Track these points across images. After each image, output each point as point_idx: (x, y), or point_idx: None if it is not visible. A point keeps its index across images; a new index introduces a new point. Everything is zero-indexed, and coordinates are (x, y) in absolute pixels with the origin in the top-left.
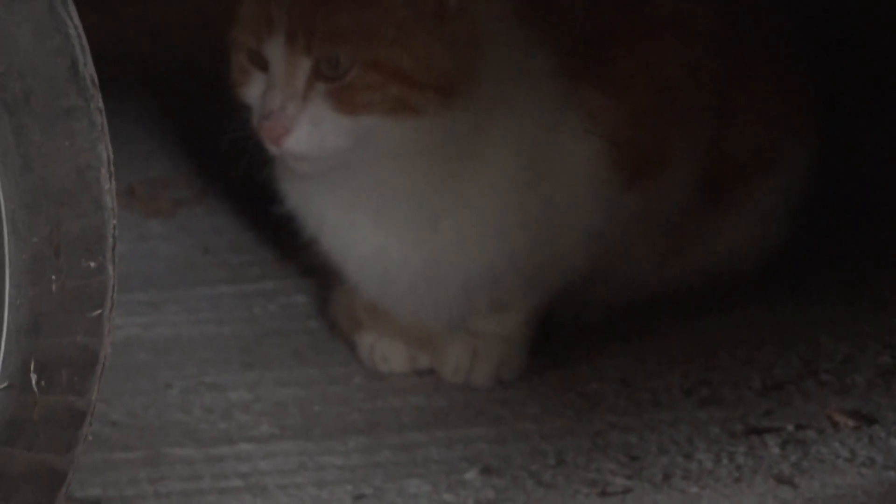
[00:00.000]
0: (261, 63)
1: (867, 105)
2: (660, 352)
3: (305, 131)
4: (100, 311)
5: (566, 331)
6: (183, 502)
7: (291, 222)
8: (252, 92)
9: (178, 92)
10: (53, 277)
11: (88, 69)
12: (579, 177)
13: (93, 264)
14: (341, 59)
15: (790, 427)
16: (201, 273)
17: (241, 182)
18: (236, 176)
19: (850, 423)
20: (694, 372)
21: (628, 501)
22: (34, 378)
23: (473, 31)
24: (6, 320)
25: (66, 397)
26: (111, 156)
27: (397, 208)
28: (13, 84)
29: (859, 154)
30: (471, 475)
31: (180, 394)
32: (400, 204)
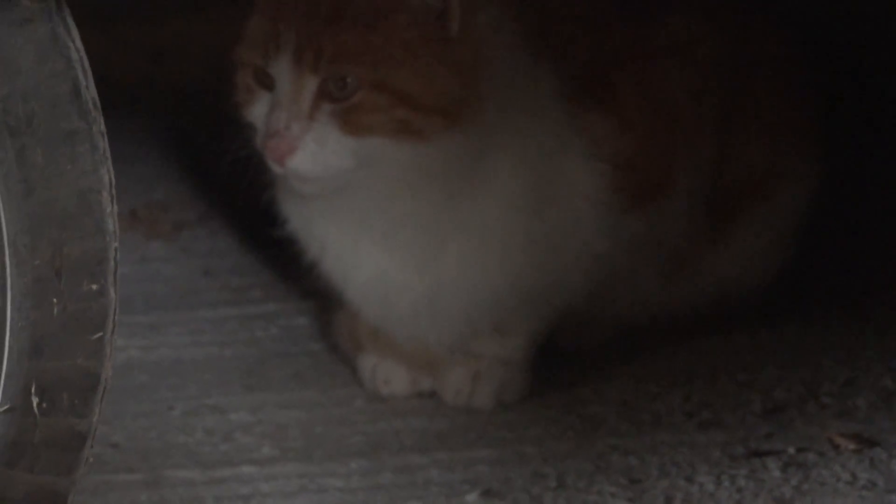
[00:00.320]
0: (266, 82)
1: (870, 130)
2: (661, 374)
3: (310, 151)
4: (101, 333)
5: (567, 353)
6: None
7: (293, 245)
8: (257, 111)
9: (180, 115)
10: (55, 300)
11: (90, 92)
12: (582, 200)
13: (94, 287)
14: (348, 79)
15: (791, 450)
16: (203, 295)
17: (243, 205)
18: (238, 197)
19: (852, 445)
20: (695, 395)
21: None
22: (35, 401)
23: (478, 56)
24: (8, 343)
25: (67, 420)
26: (113, 179)
27: (400, 232)
28: (16, 107)
29: (861, 178)
30: (472, 497)
31: (182, 416)
32: (403, 228)
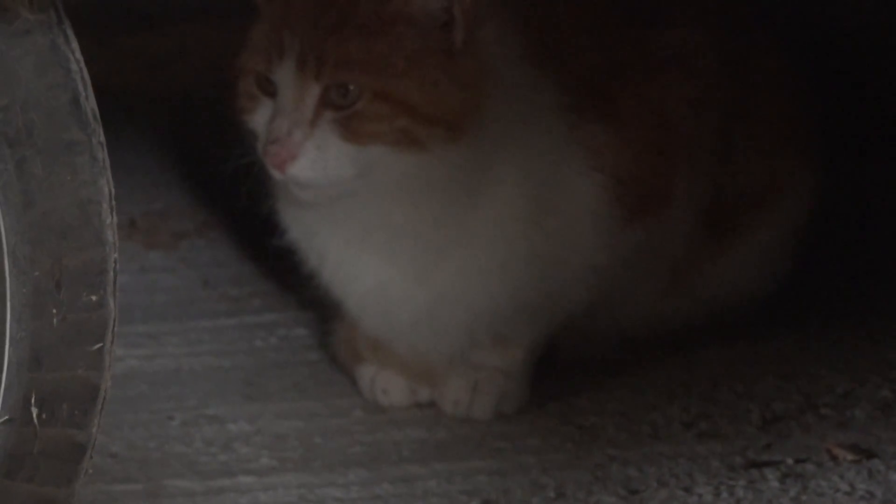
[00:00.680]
0: (269, 89)
1: (869, 141)
2: (659, 385)
3: (311, 158)
4: (101, 344)
5: (566, 364)
6: None
7: (293, 255)
8: (258, 118)
9: (179, 125)
10: (54, 311)
11: (90, 103)
12: (583, 212)
13: (94, 298)
14: (350, 87)
15: (790, 461)
16: (202, 305)
17: (242, 215)
18: (238, 207)
19: (850, 456)
20: (694, 405)
21: None
22: (35, 411)
23: (481, 68)
24: (7, 354)
25: (66, 430)
26: (112, 190)
27: (400, 243)
28: (15, 118)
29: (860, 190)
30: None
31: (181, 426)
32: (403, 239)
